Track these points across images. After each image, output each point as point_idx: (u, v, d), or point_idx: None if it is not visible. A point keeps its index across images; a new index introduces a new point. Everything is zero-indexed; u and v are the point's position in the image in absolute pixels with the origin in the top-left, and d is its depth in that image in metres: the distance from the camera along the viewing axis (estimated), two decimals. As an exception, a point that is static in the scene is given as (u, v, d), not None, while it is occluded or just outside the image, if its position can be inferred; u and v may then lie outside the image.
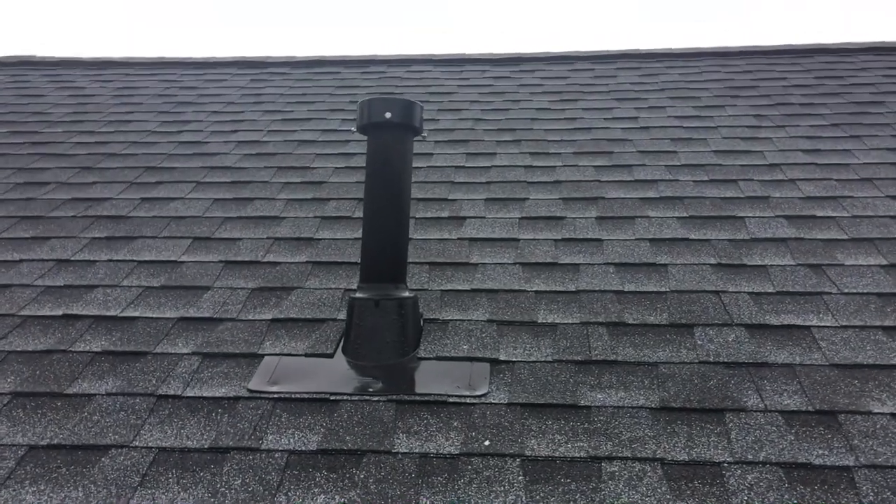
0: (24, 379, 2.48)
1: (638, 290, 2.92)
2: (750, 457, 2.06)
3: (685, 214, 3.53)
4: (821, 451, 2.07)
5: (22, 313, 2.88)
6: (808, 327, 2.64)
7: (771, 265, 3.06)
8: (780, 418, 2.20)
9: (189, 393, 2.40)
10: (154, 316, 2.84)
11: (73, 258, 3.31)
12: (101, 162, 4.44)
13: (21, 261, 3.29)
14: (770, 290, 2.88)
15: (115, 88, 5.99)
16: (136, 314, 2.85)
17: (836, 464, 2.03)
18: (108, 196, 3.96)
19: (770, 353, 2.51)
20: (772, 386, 2.34)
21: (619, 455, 2.08)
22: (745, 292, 2.88)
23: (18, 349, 2.65)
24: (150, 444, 2.17)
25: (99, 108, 5.47)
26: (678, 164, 4.13)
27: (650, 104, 5.17)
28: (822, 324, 2.65)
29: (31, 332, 2.76)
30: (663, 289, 2.92)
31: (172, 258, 3.28)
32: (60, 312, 2.87)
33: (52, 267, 3.23)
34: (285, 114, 5.25)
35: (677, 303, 2.82)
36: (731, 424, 2.18)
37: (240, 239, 3.45)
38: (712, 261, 3.11)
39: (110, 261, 3.27)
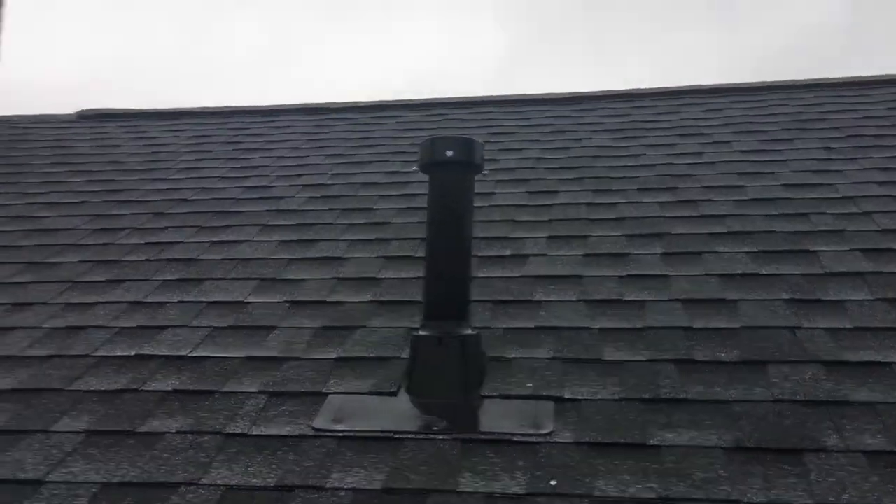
0: (99, 418, 2.55)
1: (707, 326, 2.85)
2: (832, 499, 1.96)
3: (755, 249, 3.44)
4: (909, 494, 1.96)
5: (97, 354, 2.96)
6: (889, 364, 2.52)
7: (848, 300, 2.94)
8: (862, 459, 2.09)
9: (255, 431, 2.42)
10: (222, 355, 2.89)
11: (145, 300, 3.40)
12: (173, 207, 4.59)
13: (97, 303, 3.40)
14: (847, 326, 2.77)
15: (187, 137, 6.20)
16: (205, 354, 2.91)
17: (927, 508, 1.91)
18: (179, 240, 4.07)
19: (850, 391, 2.40)
20: (852, 425, 2.24)
21: (692, 496, 2.01)
22: (820, 328, 2.77)
23: (93, 388, 2.73)
24: (217, 482, 2.19)
25: (171, 156, 5.67)
26: (746, 198, 4.04)
27: (715, 139, 5.09)
28: (905, 360, 2.53)
29: (106, 372, 2.84)
30: (734, 325, 2.84)
31: (240, 299, 3.34)
32: (133, 353, 2.95)
33: (125, 309, 3.33)
34: (348, 157, 5.34)
35: (749, 339, 2.74)
36: (811, 465, 2.09)
37: (305, 280, 3.49)
38: (785, 296, 3.01)
39: (181, 302, 3.35)
